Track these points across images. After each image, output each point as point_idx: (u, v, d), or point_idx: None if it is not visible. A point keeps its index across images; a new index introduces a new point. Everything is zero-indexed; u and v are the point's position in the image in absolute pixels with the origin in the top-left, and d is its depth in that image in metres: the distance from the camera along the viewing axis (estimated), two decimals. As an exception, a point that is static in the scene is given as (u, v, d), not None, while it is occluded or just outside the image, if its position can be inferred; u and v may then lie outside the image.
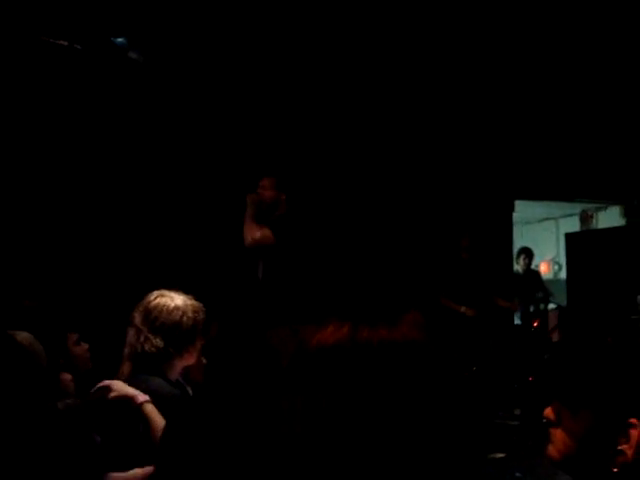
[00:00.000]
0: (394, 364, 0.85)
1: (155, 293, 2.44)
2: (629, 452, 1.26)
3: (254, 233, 4.07)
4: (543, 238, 9.88)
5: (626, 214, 8.14)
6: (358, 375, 0.84)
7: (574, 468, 1.34)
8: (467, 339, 6.02)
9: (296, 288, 3.87)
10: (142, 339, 2.38)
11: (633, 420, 1.28)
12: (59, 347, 2.63)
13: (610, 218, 8.39)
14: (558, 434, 1.37)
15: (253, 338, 3.65)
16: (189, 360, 2.46)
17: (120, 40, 5.06)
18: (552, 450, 1.38)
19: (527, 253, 7.40)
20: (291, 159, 5.34)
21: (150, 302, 2.41)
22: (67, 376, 2.63)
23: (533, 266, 7.67)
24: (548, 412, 1.40)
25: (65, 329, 2.73)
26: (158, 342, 2.36)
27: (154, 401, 2.22)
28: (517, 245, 7.68)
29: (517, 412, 6.00)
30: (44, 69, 4.64)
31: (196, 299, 2.49)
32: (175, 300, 2.42)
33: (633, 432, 1.28)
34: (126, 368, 2.49)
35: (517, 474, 4.71)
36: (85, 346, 2.82)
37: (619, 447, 1.27)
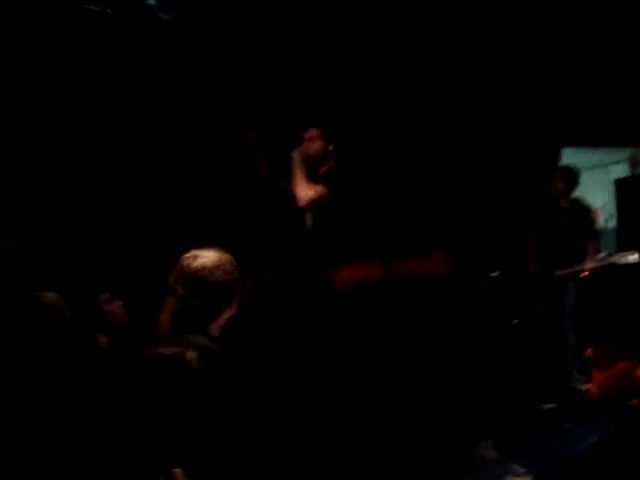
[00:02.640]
0: (431, 297, 0.83)
1: (189, 254, 2.45)
2: None
3: (308, 191, 3.88)
4: (592, 186, 9.62)
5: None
6: (394, 308, 0.81)
7: (609, 405, 1.36)
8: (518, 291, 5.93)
9: (343, 239, 3.76)
10: (180, 301, 2.41)
11: None
12: (91, 308, 2.67)
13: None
14: (595, 372, 1.38)
15: (299, 291, 3.61)
16: (229, 316, 2.48)
17: (152, 2, 5.04)
18: (592, 388, 1.40)
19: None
20: (332, 107, 5.20)
21: (185, 264, 2.43)
22: (103, 338, 2.68)
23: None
24: (588, 352, 1.41)
25: (95, 290, 2.77)
26: (196, 303, 2.39)
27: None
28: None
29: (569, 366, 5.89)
30: (76, 34, 4.64)
31: (231, 253, 2.49)
32: (210, 259, 2.43)
33: None
34: (166, 329, 2.52)
35: (566, 424, 4.67)
36: (119, 302, 2.85)
37: None
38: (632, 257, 5.34)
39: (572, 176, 6.11)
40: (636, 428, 1.28)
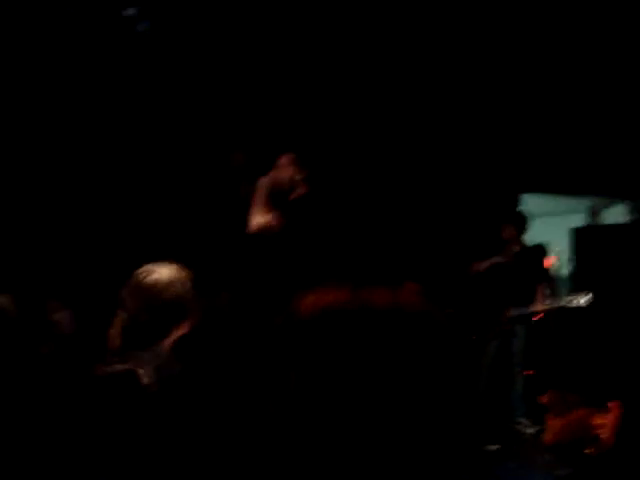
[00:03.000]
0: (402, 327, 0.81)
1: (143, 269, 2.40)
2: (605, 436, 1.29)
3: (259, 219, 3.86)
4: (548, 233, 9.82)
5: (633, 212, 8.06)
6: (364, 337, 0.79)
7: (561, 452, 1.37)
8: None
9: (307, 265, 3.74)
10: (130, 316, 2.36)
11: (611, 404, 1.29)
12: (38, 315, 2.61)
13: (618, 215, 8.31)
14: (551, 420, 1.38)
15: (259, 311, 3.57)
16: (180, 334, 2.43)
17: (130, 12, 5.00)
18: (546, 435, 1.40)
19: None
20: (309, 134, 5.20)
21: (139, 278, 2.38)
22: (46, 346, 2.62)
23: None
24: (543, 399, 1.41)
25: (44, 298, 2.72)
26: (146, 318, 2.34)
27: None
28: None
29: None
30: (55, 39, 4.59)
31: (188, 269, 2.45)
32: (163, 275, 2.39)
33: (610, 417, 1.28)
34: (116, 343, 2.46)
35: (509, 465, 4.68)
36: (67, 312, 2.80)
37: (597, 431, 1.30)
38: (583, 299, 5.39)
39: (520, 221, 6.20)
40: (591, 475, 1.28)
